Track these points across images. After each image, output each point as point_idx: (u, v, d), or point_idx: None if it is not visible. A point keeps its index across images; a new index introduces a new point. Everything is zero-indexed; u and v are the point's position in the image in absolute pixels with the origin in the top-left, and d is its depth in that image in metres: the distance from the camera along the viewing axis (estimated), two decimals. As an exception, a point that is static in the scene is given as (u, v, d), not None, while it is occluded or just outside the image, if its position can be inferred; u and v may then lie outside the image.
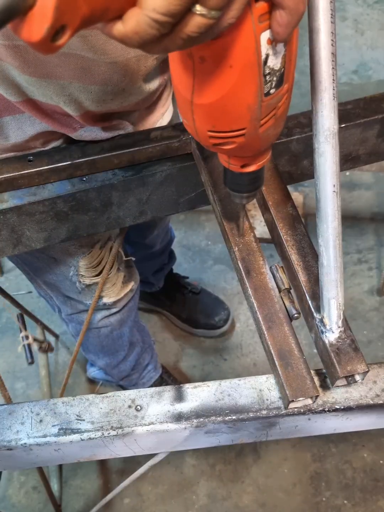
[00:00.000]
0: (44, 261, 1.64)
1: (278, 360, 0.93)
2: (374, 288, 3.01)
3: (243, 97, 0.70)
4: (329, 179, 0.88)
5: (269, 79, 0.69)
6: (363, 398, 0.95)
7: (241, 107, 0.71)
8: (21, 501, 2.45)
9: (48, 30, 0.48)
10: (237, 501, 2.41)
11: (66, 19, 0.49)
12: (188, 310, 2.91)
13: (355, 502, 2.39)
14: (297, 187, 3.28)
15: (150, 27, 0.54)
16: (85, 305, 1.84)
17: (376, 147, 1.37)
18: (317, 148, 0.88)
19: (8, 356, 2.86)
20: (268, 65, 0.67)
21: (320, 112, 0.84)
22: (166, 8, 0.53)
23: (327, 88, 0.83)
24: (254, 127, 0.75)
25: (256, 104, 0.71)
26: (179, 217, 3.30)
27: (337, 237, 0.91)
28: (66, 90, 1.17)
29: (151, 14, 0.53)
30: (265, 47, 0.65)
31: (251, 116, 0.72)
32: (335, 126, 0.86)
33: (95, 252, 1.62)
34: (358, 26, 4.22)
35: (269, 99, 0.72)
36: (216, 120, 0.74)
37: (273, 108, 0.75)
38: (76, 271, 1.64)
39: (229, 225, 1.10)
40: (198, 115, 0.74)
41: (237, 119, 0.73)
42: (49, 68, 1.13)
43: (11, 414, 0.98)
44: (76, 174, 1.25)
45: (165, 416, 0.96)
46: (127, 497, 2.43)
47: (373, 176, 3.43)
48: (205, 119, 0.75)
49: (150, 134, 1.28)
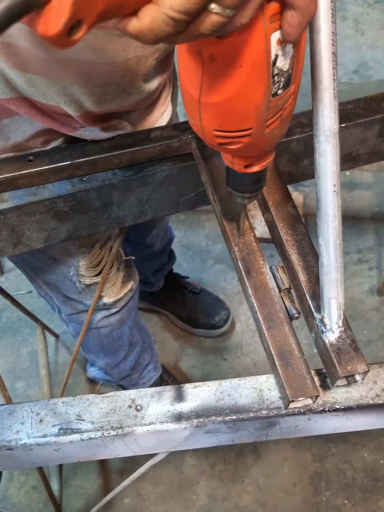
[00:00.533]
0: (44, 261, 1.63)
1: (278, 360, 0.93)
2: (374, 288, 3.01)
3: (251, 97, 0.70)
4: (329, 178, 0.88)
5: (277, 79, 0.69)
6: (363, 398, 0.95)
7: (249, 107, 0.71)
8: (21, 500, 2.45)
9: (65, 24, 0.48)
10: (237, 501, 2.41)
11: (83, 14, 0.50)
12: (188, 310, 2.90)
13: (355, 502, 2.38)
14: (297, 187, 3.28)
15: (166, 24, 0.55)
16: (85, 305, 1.83)
17: (377, 146, 1.37)
18: (317, 148, 0.88)
19: (8, 356, 2.86)
20: (277, 66, 0.68)
21: (321, 111, 0.84)
22: (184, 6, 0.53)
23: (327, 88, 0.83)
24: (261, 127, 0.75)
25: (264, 105, 0.71)
26: (179, 217, 3.30)
27: (338, 237, 0.91)
28: (67, 91, 1.17)
29: (168, 12, 0.54)
30: (275, 48, 0.65)
31: (258, 116, 0.73)
32: (336, 126, 0.86)
33: (95, 252, 1.62)
34: (358, 26, 4.22)
35: (276, 100, 0.72)
36: (223, 119, 0.74)
37: (280, 109, 0.75)
38: (76, 271, 1.64)
39: (229, 225, 1.10)
40: (206, 114, 0.75)
41: (245, 119, 0.74)
42: (51, 71, 1.13)
43: (11, 414, 0.98)
44: (76, 174, 1.25)
45: (165, 416, 0.96)
46: (127, 497, 2.42)
47: (373, 176, 3.42)
48: (213, 118, 0.75)
49: (150, 134, 1.27)
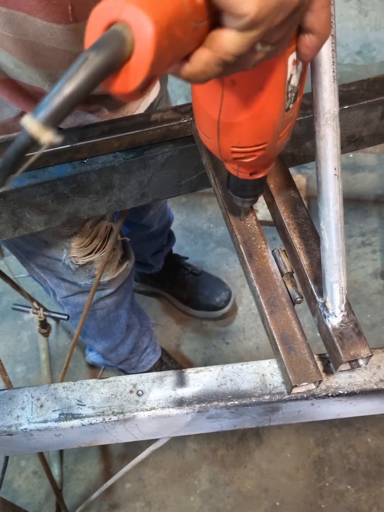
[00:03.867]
0: (36, 245, 1.63)
1: (281, 345, 0.93)
2: (378, 271, 3.00)
3: (269, 116, 0.75)
4: (330, 162, 0.88)
5: (290, 96, 0.74)
6: (366, 383, 0.94)
7: (267, 124, 0.76)
8: (22, 485, 2.45)
9: (142, 83, 0.51)
10: (239, 486, 2.41)
11: (157, 71, 0.52)
12: (189, 291, 2.90)
13: (359, 487, 2.39)
14: (300, 169, 3.28)
15: (218, 66, 0.59)
16: (80, 286, 1.83)
17: (380, 128, 1.36)
18: (317, 131, 0.87)
19: (9, 339, 2.86)
20: (291, 84, 0.72)
21: (320, 94, 0.84)
22: (239, 51, 0.57)
23: (327, 71, 0.83)
24: (275, 140, 0.79)
25: (279, 120, 0.76)
26: (181, 200, 3.29)
27: (339, 221, 0.91)
28: (53, 77, 1.21)
29: (223, 56, 0.58)
30: (291, 68, 0.70)
31: (274, 131, 0.77)
32: (336, 108, 0.85)
33: (85, 231, 1.61)
34: (361, 7, 4.18)
35: (288, 114, 0.77)
36: (242, 137, 0.78)
37: (290, 120, 0.79)
38: (68, 253, 1.63)
39: (231, 209, 1.09)
40: (225, 133, 0.78)
41: (262, 135, 0.78)
42: (38, 59, 1.16)
43: (11, 399, 0.98)
44: (76, 158, 1.24)
45: (167, 401, 0.96)
46: (128, 482, 2.43)
47: (377, 158, 3.41)
48: (231, 136, 0.79)
49: (151, 116, 1.27)
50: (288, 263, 1.01)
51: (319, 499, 2.37)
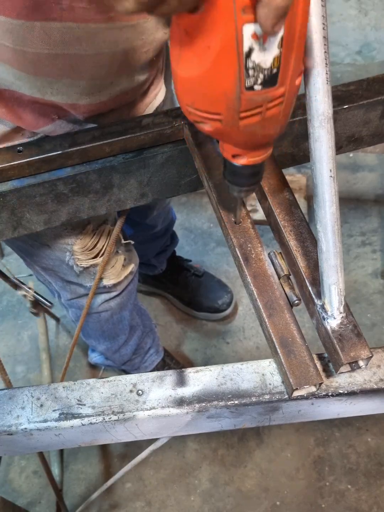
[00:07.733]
0: (39, 249, 1.64)
1: (280, 348, 0.92)
2: (378, 270, 3.01)
3: (219, 82, 0.71)
4: (325, 164, 0.88)
5: (252, 73, 0.70)
6: (367, 382, 0.94)
7: (217, 91, 0.73)
8: (22, 485, 2.45)
9: None
10: (239, 486, 2.41)
11: None
12: (191, 293, 2.90)
13: (359, 487, 2.39)
14: (300, 169, 3.28)
15: None
16: (85, 288, 1.83)
17: (379, 128, 1.36)
18: (312, 133, 0.88)
19: (9, 339, 2.86)
20: (252, 59, 0.68)
21: (314, 97, 0.85)
22: None
23: (320, 73, 0.83)
24: (232, 117, 0.76)
25: (234, 94, 0.72)
26: (181, 200, 3.29)
27: (336, 222, 0.91)
28: (54, 85, 1.20)
29: None
30: (249, 40, 0.66)
31: (227, 104, 0.74)
32: (330, 110, 0.86)
33: (87, 235, 1.61)
34: (361, 6, 4.18)
35: (251, 94, 0.72)
36: (194, 96, 0.76)
37: (259, 105, 0.75)
38: (71, 255, 1.64)
39: (226, 212, 1.09)
40: (180, 86, 0.77)
41: (213, 102, 0.75)
42: (37, 68, 1.16)
43: (11, 399, 0.98)
44: (67, 164, 1.23)
45: (167, 401, 0.95)
46: (128, 481, 2.43)
47: (377, 157, 3.41)
48: (185, 92, 0.78)
49: (142, 121, 1.26)
50: (285, 266, 1.01)
51: (319, 498, 2.37)
